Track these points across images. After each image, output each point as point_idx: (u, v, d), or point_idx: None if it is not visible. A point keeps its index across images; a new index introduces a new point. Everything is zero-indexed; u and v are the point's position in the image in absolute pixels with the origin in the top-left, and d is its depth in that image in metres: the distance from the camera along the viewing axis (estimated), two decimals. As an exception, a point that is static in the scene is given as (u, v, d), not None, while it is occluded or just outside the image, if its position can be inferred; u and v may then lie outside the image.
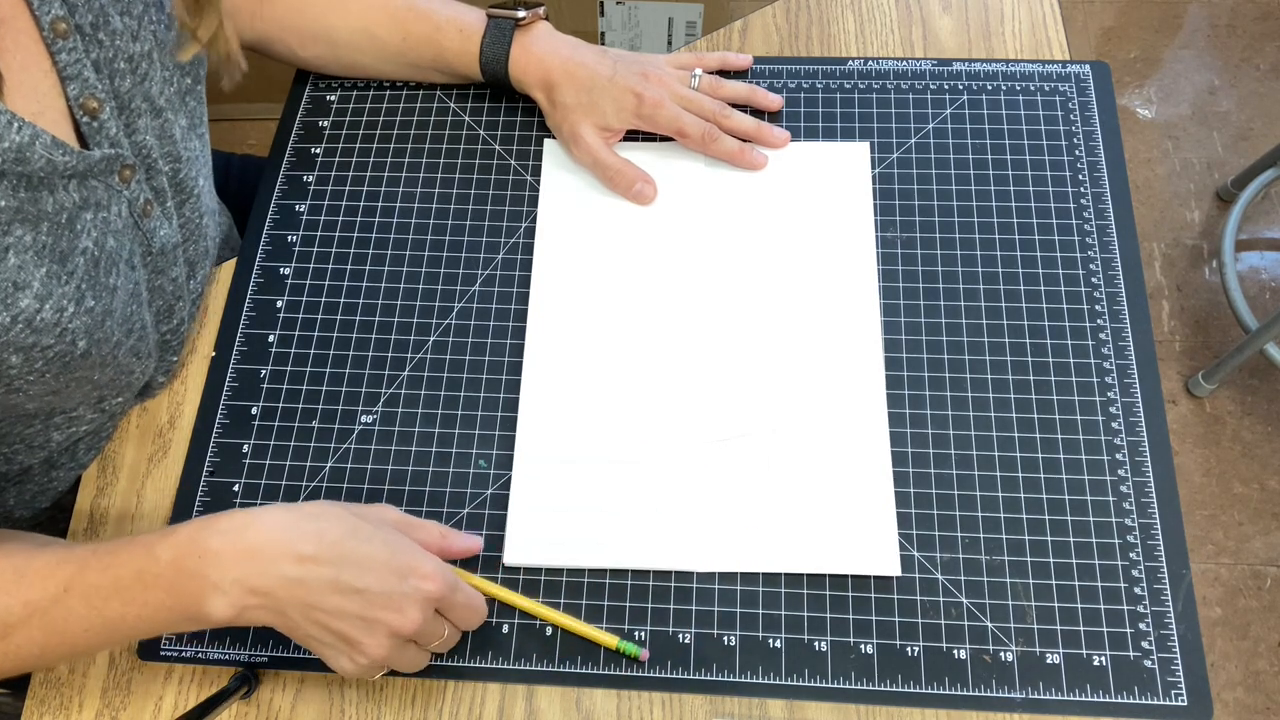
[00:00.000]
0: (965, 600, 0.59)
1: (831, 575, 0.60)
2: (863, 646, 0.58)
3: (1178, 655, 0.57)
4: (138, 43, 0.56)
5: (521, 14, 0.70)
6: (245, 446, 0.65)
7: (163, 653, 0.60)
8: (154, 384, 0.67)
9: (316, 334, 0.69)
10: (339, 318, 0.69)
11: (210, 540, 0.50)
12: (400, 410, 0.66)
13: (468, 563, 0.61)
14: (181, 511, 0.64)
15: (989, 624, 0.59)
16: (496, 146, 0.75)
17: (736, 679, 0.58)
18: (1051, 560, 0.60)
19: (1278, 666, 1.32)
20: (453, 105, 0.77)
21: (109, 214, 0.55)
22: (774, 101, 0.74)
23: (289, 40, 0.74)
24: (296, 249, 0.72)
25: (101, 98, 0.53)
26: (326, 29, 0.73)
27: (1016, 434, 0.63)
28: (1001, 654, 0.58)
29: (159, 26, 0.58)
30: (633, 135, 0.74)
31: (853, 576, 0.60)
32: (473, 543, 0.60)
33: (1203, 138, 1.69)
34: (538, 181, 0.73)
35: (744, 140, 0.72)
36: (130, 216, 0.57)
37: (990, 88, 0.75)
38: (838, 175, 0.72)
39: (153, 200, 0.59)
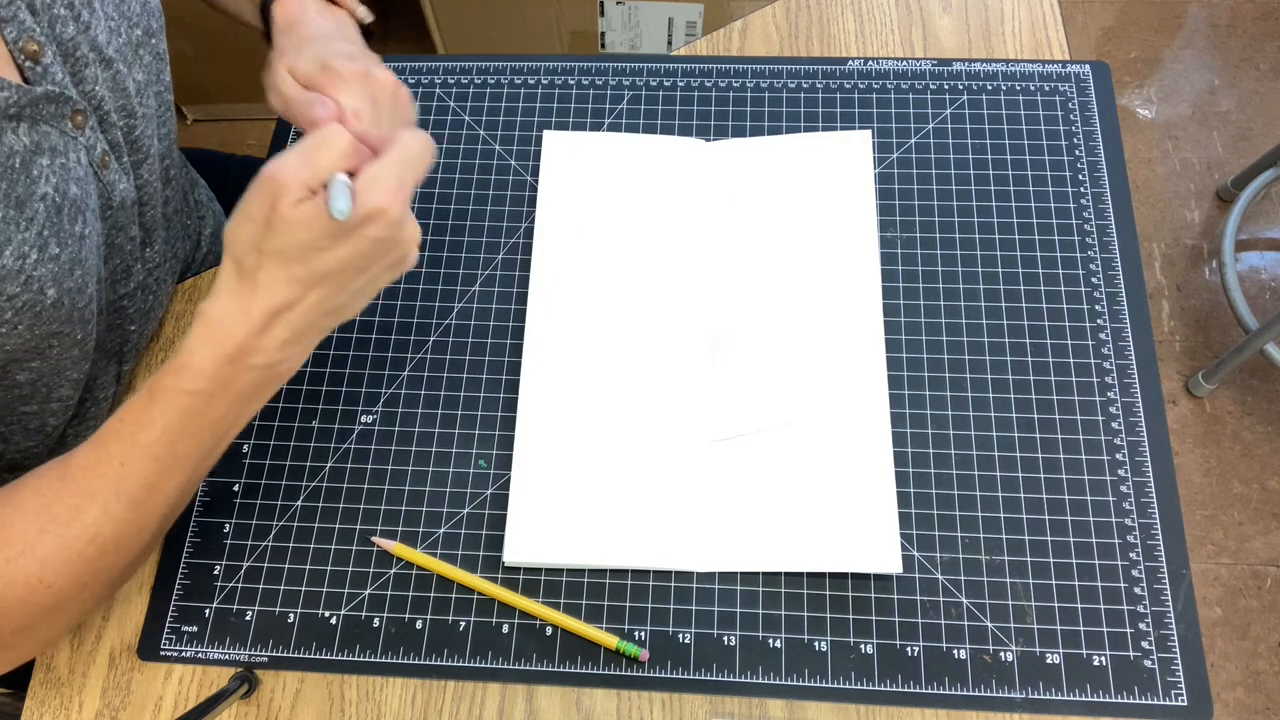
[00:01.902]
0: (965, 600, 0.59)
1: (831, 575, 0.60)
2: (863, 646, 0.58)
3: (1178, 655, 0.57)
4: None
5: None
6: (245, 447, 0.65)
7: (163, 653, 0.60)
8: (125, 355, 0.66)
9: (316, 334, 0.69)
10: (339, 318, 0.69)
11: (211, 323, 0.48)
12: (400, 410, 0.66)
13: (468, 564, 0.61)
14: (181, 512, 0.63)
15: (989, 624, 0.59)
16: (497, 147, 0.75)
17: (736, 679, 0.58)
18: (1051, 560, 0.60)
19: (1278, 666, 1.32)
20: (452, 105, 0.77)
21: (68, 161, 0.54)
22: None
23: None
24: (296, 249, 0.72)
25: (41, 41, 0.53)
26: None
27: (1016, 434, 0.63)
28: (1001, 654, 0.58)
29: None
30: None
31: (853, 576, 0.60)
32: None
33: (1203, 138, 1.69)
34: (538, 182, 0.73)
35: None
36: (90, 166, 0.57)
37: (990, 88, 0.75)
38: (840, 168, 0.72)
39: (109, 153, 0.58)
